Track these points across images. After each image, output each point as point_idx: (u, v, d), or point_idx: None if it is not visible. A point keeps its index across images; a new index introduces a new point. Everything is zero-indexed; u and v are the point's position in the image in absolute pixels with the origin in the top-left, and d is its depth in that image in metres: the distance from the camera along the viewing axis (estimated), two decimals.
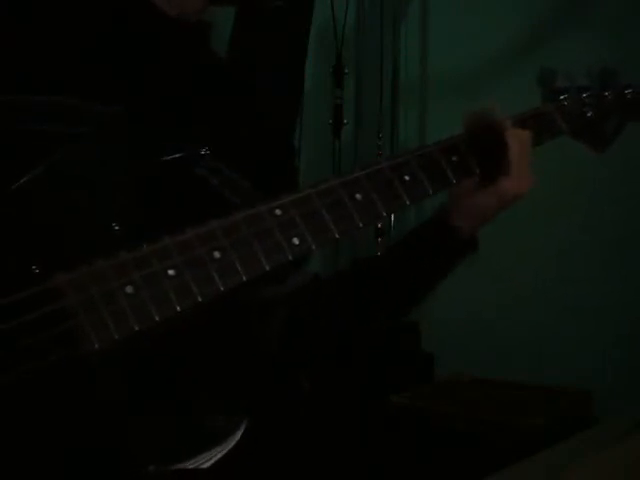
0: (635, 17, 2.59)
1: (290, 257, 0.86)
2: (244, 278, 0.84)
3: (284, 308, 1.12)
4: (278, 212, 0.87)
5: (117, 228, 0.87)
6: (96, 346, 0.77)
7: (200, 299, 0.81)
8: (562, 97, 1.17)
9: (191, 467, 0.95)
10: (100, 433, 0.85)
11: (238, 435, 1.04)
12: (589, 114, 1.17)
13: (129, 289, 0.79)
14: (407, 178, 0.96)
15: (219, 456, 1.00)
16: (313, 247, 0.88)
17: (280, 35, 2.67)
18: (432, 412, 2.42)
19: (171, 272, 0.81)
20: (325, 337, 1.17)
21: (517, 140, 1.04)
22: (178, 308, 0.80)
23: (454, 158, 1.01)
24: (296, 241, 0.87)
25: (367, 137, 3.01)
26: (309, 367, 1.27)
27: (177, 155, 0.96)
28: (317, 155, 2.99)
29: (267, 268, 0.85)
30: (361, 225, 0.91)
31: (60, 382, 0.80)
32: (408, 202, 0.95)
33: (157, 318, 0.79)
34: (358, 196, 0.92)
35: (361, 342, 1.21)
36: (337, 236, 0.90)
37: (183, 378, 0.95)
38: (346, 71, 2.94)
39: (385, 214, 0.94)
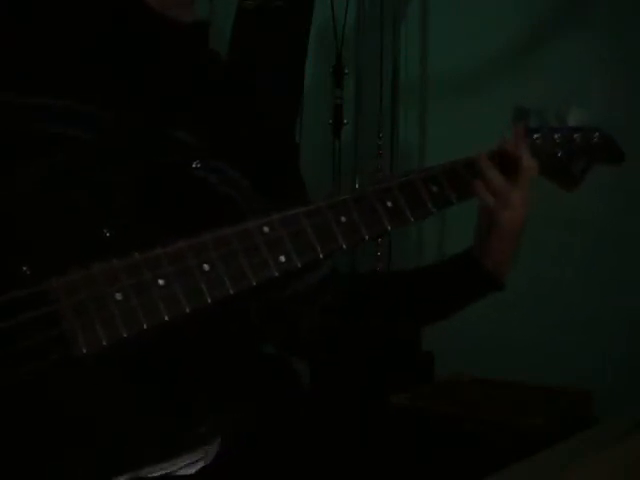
0: (635, 17, 2.59)
1: (276, 273, 0.89)
2: (231, 292, 0.85)
3: (305, 303, 1.15)
4: (266, 230, 0.89)
5: (108, 234, 0.87)
6: (84, 351, 0.77)
7: (188, 310, 0.83)
8: (535, 136, 1.20)
9: (183, 470, 0.95)
10: (94, 434, 0.85)
11: (233, 436, 1.04)
12: (559, 154, 1.21)
13: (119, 296, 0.80)
14: (390, 205, 1.00)
15: (212, 458, 1.00)
16: (298, 265, 0.90)
17: (280, 35, 2.67)
18: (432, 412, 2.42)
19: (161, 282, 0.82)
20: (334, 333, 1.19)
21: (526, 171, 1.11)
22: (166, 317, 0.81)
23: (434, 189, 1.04)
24: (282, 259, 0.89)
25: (367, 137, 3.01)
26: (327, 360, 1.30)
27: (176, 156, 0.96)
28: (317, 155, 2.99)
29: (254, 283, 0.87)
30: (344, 247, 0.95)
31: (53, 384, 0.80)
32: (389, 228, 0.99)
33: (145, 326, 0.80)
34: (343, 219, 0.95)
35: (363, 341, 1.23)
36: (321, 256, 0.93)
37: (180, 379, 0.95)
38: (346, 71, 2.94)
39: (367, 238, 0.97)
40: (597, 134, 1.26)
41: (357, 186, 2.92)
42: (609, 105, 2.45)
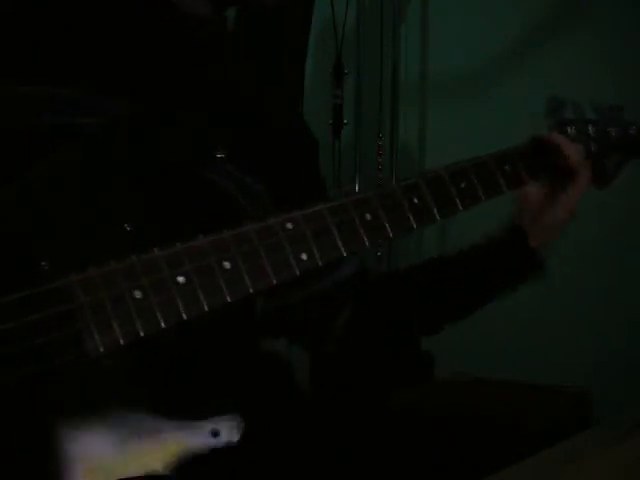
0: (635, 17, 2.59)
1: (297, 272, 0.86)
2: (251, 290, 0.84)
3: (333, 299, 1.15)
4: (289, 226, 0.87)
5: (129, 229, 0.86)
6: (101, 349, 0.76)
7: (207, 308, 0.81)
8: (569, 129, 1.17)
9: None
10: (100, 432, 0.85)
11: (236, 435, 1.04)
12: (593, 149, 1.18)
13: (137, 294, 0.79)
14: (416, 202, 0.97)
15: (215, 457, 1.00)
16: (320, 263, 0.88)
17: (280, 35, 2.67)
18: (432, 412, 2.42)
19: (180, 279, 0.80)
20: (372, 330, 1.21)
21: (575, 149, 1.13)
22: (184, 316, 0.80)
23: (462, 184, 1.02)
24: (304, 257, 0.87)
25: (367, 137, 3.01)
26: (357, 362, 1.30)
27: (192, 157, 0.96)
28: None
29: (274, 282, 0.85)
30: (368, 245, 0.92)
31: (65, 382, 0.80)
32: (415, 225, 0.96)
33: (163, 324, 0.79)
34: (368, 216, 0.92)
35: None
36: (344, 254, 0.90)
37: (188, 377, 0.95)
38: (346, 71, 2.94)
39: (392, 236, 0.94)
40: (634, 127, 1.22)
41: (357, 186, 2.93)
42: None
